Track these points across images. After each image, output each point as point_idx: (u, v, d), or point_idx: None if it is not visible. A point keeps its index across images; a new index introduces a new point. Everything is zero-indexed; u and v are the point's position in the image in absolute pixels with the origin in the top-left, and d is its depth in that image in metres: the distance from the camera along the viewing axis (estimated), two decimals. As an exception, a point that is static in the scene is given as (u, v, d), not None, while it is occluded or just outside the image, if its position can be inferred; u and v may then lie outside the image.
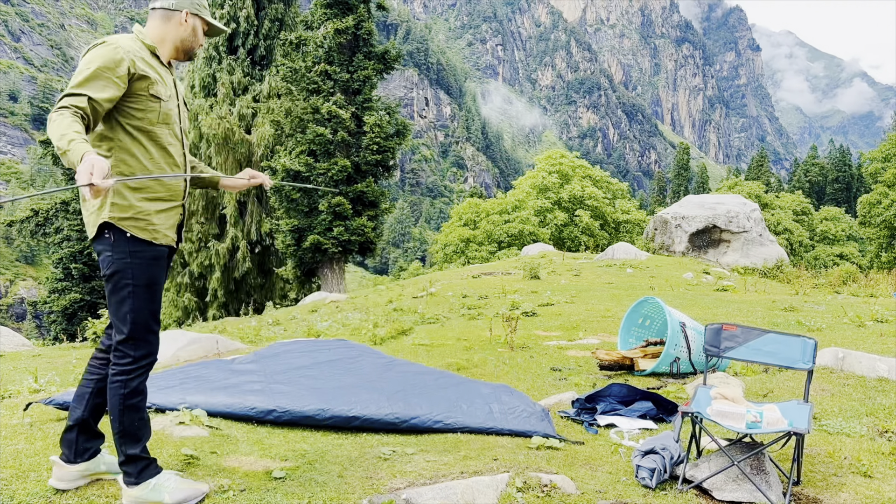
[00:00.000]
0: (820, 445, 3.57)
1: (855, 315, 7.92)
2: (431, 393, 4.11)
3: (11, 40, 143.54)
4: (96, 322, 11.88)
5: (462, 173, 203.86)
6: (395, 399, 3.92)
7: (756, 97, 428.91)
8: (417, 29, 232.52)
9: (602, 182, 45.57)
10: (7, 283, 79.04)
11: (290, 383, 4.09)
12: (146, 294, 2.67)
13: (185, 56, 2.93)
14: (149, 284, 2.68)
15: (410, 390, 4.10)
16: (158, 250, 2.72)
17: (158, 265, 2.73)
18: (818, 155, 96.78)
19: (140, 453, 2.67)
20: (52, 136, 2.37)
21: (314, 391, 3.99)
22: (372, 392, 4.02)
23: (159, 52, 2.82)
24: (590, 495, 2.85)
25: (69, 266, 31.56)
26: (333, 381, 4.16)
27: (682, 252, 19.53)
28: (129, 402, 2.65)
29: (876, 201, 37.05)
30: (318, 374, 4.25)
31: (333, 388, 4.03)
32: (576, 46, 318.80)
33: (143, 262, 2.66)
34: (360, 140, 21.32)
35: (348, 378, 4.15)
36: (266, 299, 23.62)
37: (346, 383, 4.06)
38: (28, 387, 5.06)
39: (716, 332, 3.50)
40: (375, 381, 4.19)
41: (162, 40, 2.83)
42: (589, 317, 8.76)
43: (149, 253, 2.68)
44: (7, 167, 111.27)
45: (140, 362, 2.68)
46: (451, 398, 4.02)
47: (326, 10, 21.95)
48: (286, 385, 4.06)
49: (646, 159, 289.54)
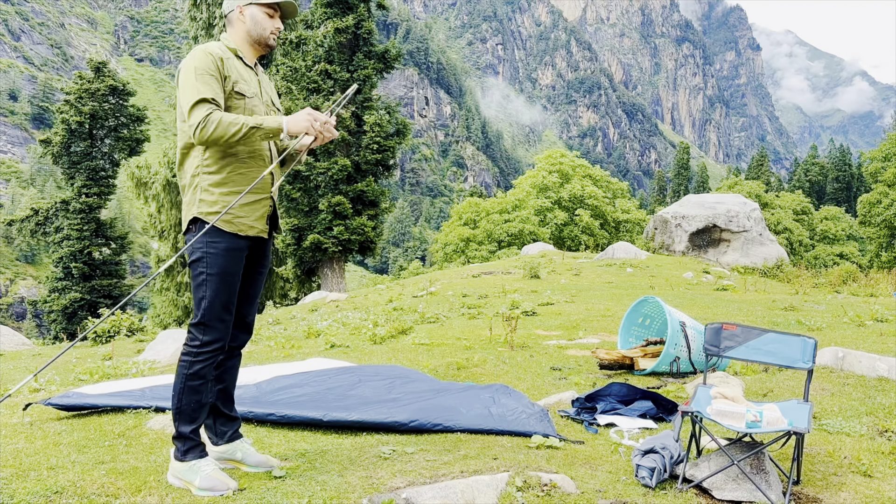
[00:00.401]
0: (820, 445, 3.57)
1: (855, 314, 7.93)
2: (429, 400, 4.09)
3: (11, 39, 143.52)
4: (96, 321, 11.86)
5: (462, 172, 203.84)
6: (394, 408, 3.89)
7: (756, 96, 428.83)
8: (417, 28, 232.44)
9: (602, 181, 45.56)
10: (7, 282, 79.07)
11: (288, 406, 4.05)
12: (219, 283, 2.83)
13: (264, 47, 3.04)
14: (222, 274, 2.83)
15: (407, 399, 4.06)
16: (236, 242, 2.87)
17: (233, 256, 2.86)
18: (818, 154, 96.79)
19: (190, 433, 2.83)
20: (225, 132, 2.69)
21: (314, 405, 3.96)
22: (373, 404, 4.00)
23: (241, 53, 2.98)
24: (590, 494, 2.85)
25: (69, 265, 31.54)
26: (335, 402, 4.13)
27: (682, 251, 19.53)
28: (189, 382, 2.81)
29: (876, 201, 37.04)
30: (320, 398, 4.20)
31: (333, 403, 4.01)
32: (576, 46, 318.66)
33: (218, 253, 2.82)
34: (360, 139, 21.31)
35: (349, 401, 4.13)
36: (266, 298, 23.63)
37: (347, 404, 4.05)
38: (28, 386, 5.06)
39: (716, 332, 3.50)
40: (376, 401, 4.16)
41: (238, 42, 3.00)
42: (589, 316, 8.76)
43: (223, 244, 2.83)
44: (7, 166, 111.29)
45: (206, 347, 2.83)
46: (449, 405, 3.99)
47: (327, 9, 21.96)
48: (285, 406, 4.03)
49: (646, 159, 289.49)
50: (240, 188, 2.85)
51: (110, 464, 2.98)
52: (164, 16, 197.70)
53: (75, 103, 32.62)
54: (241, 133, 2.70)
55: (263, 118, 2.76)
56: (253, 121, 2.73)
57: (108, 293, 31.94)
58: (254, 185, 2.85)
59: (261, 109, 2.96)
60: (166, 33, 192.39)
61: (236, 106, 2.86)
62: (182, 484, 2.78)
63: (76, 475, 2.80)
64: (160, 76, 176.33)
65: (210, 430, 3.07)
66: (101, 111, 33.14)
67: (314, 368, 5.11)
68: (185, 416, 2.82)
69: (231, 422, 3.10)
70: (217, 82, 2.79)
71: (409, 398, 3.91)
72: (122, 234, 34.18)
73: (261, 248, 3.05)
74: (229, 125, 2.68)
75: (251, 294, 3.11)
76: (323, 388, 4.11)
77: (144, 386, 4.41)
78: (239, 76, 2.90)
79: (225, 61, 2.86)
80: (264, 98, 3.04)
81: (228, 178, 2.84)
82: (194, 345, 2.83)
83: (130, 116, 33.98)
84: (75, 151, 32.84)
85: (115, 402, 3.94)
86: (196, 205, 2.83)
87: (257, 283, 3.12)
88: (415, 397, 3.96)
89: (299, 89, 21.34)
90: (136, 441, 3.35)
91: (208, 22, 22.88)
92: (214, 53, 2.83)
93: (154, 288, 26.73)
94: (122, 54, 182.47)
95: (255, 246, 3.02)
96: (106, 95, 33.39)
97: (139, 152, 33.86)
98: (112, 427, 3.56)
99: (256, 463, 3.06)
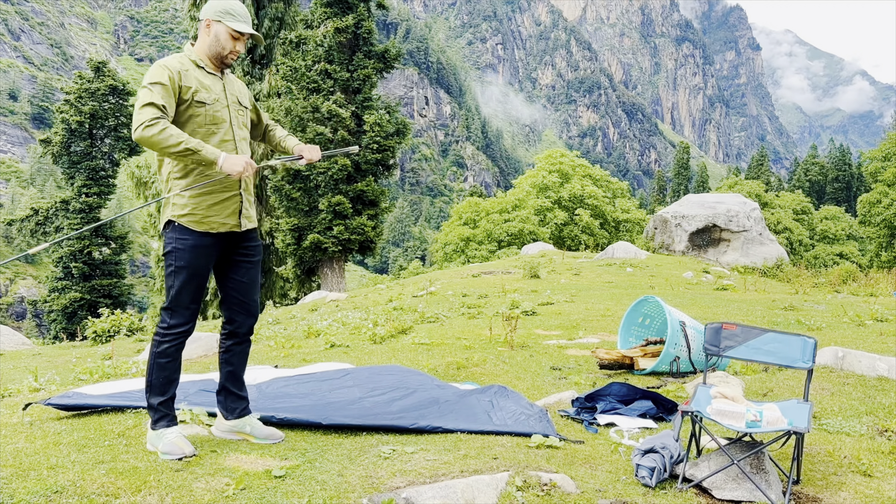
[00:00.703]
0: (820, 444, 3.57)
1: (855, 314, 7.92)
2: (429, 410, 4.07)
3: (11, 39, 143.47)
4: (96, 321, 11.87)
5: (462, 172, 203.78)
6: (393, 421, 3.88)
7: (756, 96, 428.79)
8: (417, 28, 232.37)
9: (602, 181, 45.55)
10: (7, 281, 79.05)
11: (288, 411, 4.05)
12: (186, 275, 3.14)
13: (218, 63, 3.23)
14: (189, 267, 3.14)
15: (409, 417, 4.04)
16: (203, 239, 3.17)
17: (200, 252, 3.16)
18: (818, 154, 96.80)
19: (159, 405, 3.16)
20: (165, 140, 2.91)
21: (313, 410, 3.96)
22: (373, 416, 3.99)
23: (202, 63, 3.20)
24: (589, 494, 2.86)
25: (69, 265, 31.55)
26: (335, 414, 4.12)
27: (681, 251, 19.53)
28: (158, 360, 3.15)
29: (876, 200, 37.05)
30: (319, 412, 4.19)
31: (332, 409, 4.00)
32: (576, 45, 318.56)
33: (185, 248, 3.13)
34: (360, 139, 21.30)
35: (349, 410, 4.12)
36: (266, 298, 23.61)
37: (347, 414, 4.03)
38: (28, 385, 5.06)
39: (716, 332, 3.50)
40: (376, 413, 4.15)
41: (199, 52, 3.22)
42: (589, 316, 8.76)
43: (191, 241, 3.14)
44: (7, 166, 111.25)
45: (172, 330, 3.16)
46: (449, 423, 3.97)
47: (326, 9, 21.95)
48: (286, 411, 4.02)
49: (646, 158, 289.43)
50: (206, 189, 3.15)
51: (110, 463, 2.98)
52: (163, 15, 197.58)
53: (75, 103, 32.63)
54: (178, 149, 2.92)
55: (204, 146, 2.98)
56: (194, 144, 2.95)
57: (108, 293, 31.96)
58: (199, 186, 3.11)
59: (223, 113, 3.21)
60: (166, 33, 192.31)
61: (198, 113, 3.12)
62: (153, 448, 3.12)
63: (76, 475, 2.80)
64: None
65: (222, 405, 3.43)
66: (101, 111, 33.14)
67: (313, 371, 5.10)
68: (155, 389, 3.16)
69: (240, 400, 3.43)
70: (168, 94, 3.02)
71: (412, 416, 3.90)
72: (122, 233, 34.20)
73: (240, 241, 3.34)
74: (171, 136, 2.91)
75: (245, 283, 3.39)
76: (323, 403, 4.12)
77: (144, 387, 4.40)
78: (199, 85, 3.13)
79: (183, 74, 3.09)
80: (229, 100, 3.27)
81: (195, 181, 3.14)
82: (162, 327, 3.17)
83: (130, 116, 33.96)
84: (75, 151, 32.85)
85: (115, 402, 3.94)
86: (169, 207, 3.16)
87: (248, 272, 3.40)
88: (416, 415, 3.95)
89: (299, 89, 21.33)
90: (136, 441, 3.35)
91: (208, 21, 22.94)
92: (172, 67, 3.06)
93: (154, 287, 26.75)
94: (122, 54, 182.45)
95: (232, 239, 3.31)
96: (106, 95, 33.41)
97: (139, 152, 33.85)
98: (112, 427, 3.56)
99: (263, 436, 3.39)
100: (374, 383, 4.65)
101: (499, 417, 3.90)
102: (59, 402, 3.85)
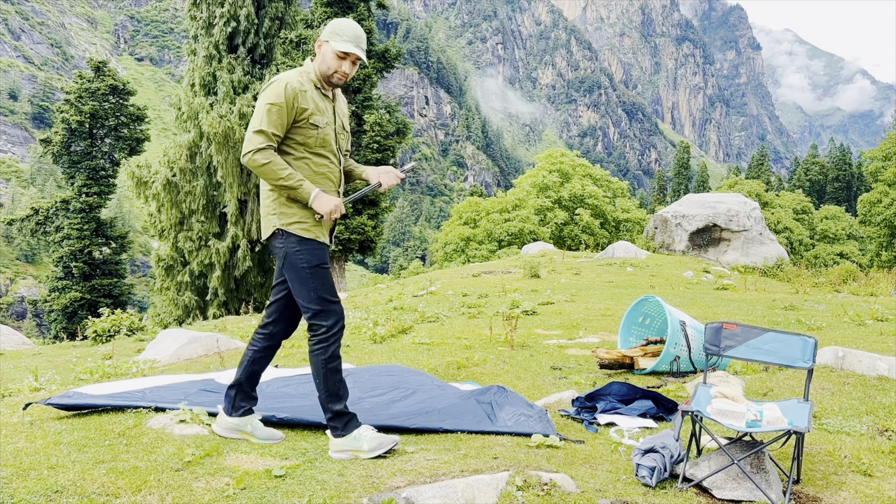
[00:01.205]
0: (820, 444, 3.57)
1: (855, 314, 7.92)
2: (427, 415, 4.07)
3: (11, 39, 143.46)
4: (96, 321, 11.85)
5: (462, 172, 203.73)
6: (393, 417, 3.89)
7: (756, 96, 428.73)
8: (417, 27, 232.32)
9: (602, 181, 45.56)
10: (7, 281, 79.06)
11: (288, 411, 4.05)
12: (320, 273, 3.22)
13: (328, 83, 3.28)
14: (319, 265, 3.22)
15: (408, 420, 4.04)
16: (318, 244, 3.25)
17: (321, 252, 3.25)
18: (818, 153, 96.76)
19: (343, 409, 3.22)
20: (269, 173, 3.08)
21: (313, 410, 3.96)
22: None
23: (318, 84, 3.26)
24: (590, 494, 2.86)
25: (69, 265, 31.54)
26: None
27: (682, 251, 19.53)
28: (329, 365, 3.21)
29: (876, 200, 37.04)
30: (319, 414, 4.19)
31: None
32: (576, 45, 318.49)
33: (311, 249, 3.21)
34: (361, 139, 21.31)
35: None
36: (266, 298, 23.59)
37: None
38: (28, 385, 5.06)
39: (716, 331, 3.50)
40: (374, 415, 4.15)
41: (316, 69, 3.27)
42: (589, 315, 8.76)
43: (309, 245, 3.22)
44: (7, 166, 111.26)
45: (331, 330, 3.22)
46: (449, 425, 3.96)
47: (327, 8, 21.97)
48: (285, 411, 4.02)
49: (646, 158, 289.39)
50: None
51: (110, 463, 2.98)
52: (164, 15, 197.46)
53: (75, 103, 32.62)
54: (280, 183, 3.09)
55: (303, 183, 3.11)
56: (294, 181, 3.09)
57: (109, 292, 31.96)
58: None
59: (331, 137, 3.29)
60: (166, 32, 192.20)
61: (310, 135, 3.19)
62: (351, 455, 3.15)
63: (76, 474, 2.79)
64: (160, 75, 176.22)
65: (229, 401, 3.40)
66: (102, 110, 33.13)
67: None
68: (334, 396, 3.22)
69: (250, 399, 3.45)
70: (283, 116, 3.11)
71: (412, 417, 3.90)
72: (122, 233, 34.19)
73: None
74: (277, 171, 3.07)
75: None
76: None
77: (145, 387, 4.40)
78: (315, 108, 3.20)
79: (301, 95, 3.14)
80: (337, 124, 3.35)
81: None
82: (321, 333, 3.21)
83: (130, 116, 33.98)
84: (75, 151, 32.84)
85: (115, 402, 3.93)
86: (277, 216, 3.21)
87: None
88: (416, 416, 3.94)
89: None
90: (137, 440, 3.35)
91: (208, 21, 22.83)
92: (293, 86, 3.12)
93: (154, 287, 26.73)
94: (122, 54, 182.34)
95: None
96: (106, 95, 33.39)
97: (139, 151, 33.86)
98: (112, 426, 3.56)
99: (264, 436, 3.38)
100: (374, 383, 4.64)
101: (499, 418, 3.90)
102: (59, 402, 3.85)
